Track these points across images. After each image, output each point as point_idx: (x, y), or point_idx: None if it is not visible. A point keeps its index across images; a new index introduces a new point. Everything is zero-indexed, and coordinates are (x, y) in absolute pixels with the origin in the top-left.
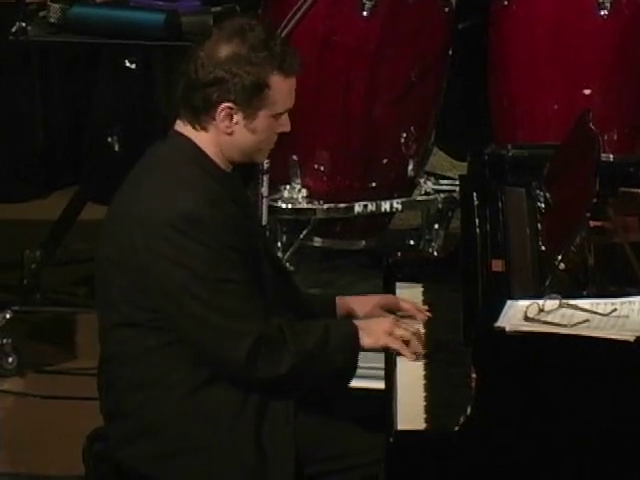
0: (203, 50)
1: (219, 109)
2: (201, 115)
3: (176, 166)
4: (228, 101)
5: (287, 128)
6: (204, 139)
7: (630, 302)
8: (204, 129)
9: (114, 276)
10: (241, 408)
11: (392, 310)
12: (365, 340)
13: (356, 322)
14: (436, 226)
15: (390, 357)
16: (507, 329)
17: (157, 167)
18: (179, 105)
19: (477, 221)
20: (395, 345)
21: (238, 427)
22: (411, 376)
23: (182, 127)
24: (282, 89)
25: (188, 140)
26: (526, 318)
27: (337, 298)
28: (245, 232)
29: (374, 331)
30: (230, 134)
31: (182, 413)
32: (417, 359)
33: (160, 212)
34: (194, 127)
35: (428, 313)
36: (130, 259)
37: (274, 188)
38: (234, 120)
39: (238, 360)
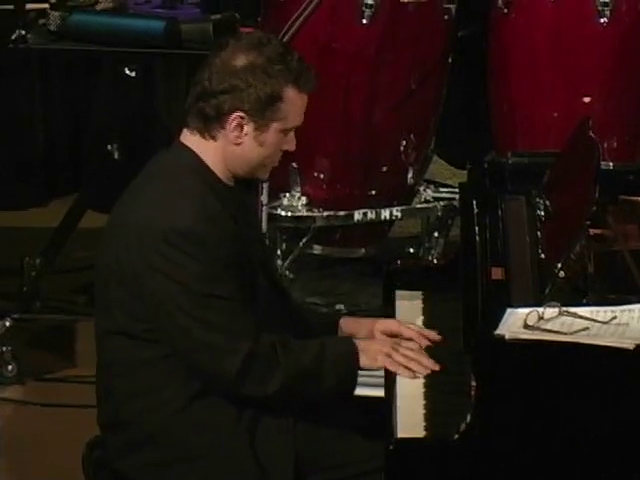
0: (219, 58)
1: (231, 118)
2: (212, 124)
3: (178, 177)
4: (241, 110)
5: (292, 147)
6: (210, 150)
7: (630, 310)
8: (213, 138)
9: (111, 284)
10: (238, 417)
11: (393, 334)
12: (363, 360)
13: (356, 341)
14: (436, 234)
15: None
16: (507, 337)
17: (159, 177)
18: (188, 114)
19: (477, 229)
20: (392, 367)
21: (236, 436)
22: (411, 384)
23: (188, 138)
24: (295, 104)
25: (192, 152)
26: (526, 326)
27: (342, 320)
28: (242, 245)
29: (372, 351)
30: (238, 144)
31: (179, 422)
32: (417, 377)
33: (157, 224)
34: (203, 136)
35: (435, 336)
36: (126, 267)
37: (274, 196)
38: (244, 131)
39: (227, 377)
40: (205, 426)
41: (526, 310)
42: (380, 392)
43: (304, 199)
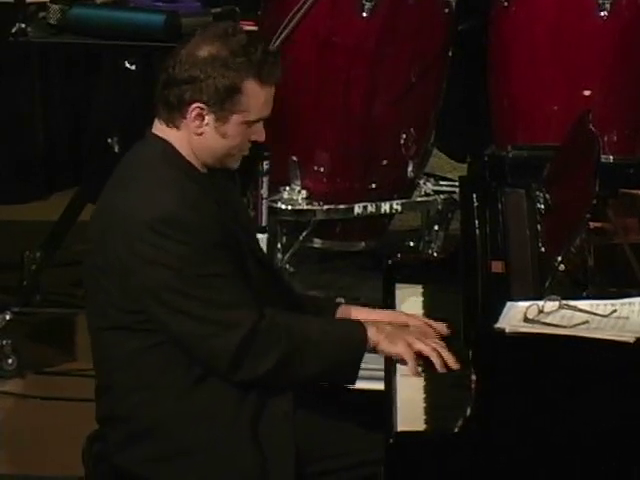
0: (185, 48)
1: (190, 108)
2: (174, 113)
3: (154, 168)
4: (200, 101)
5: (261, 138)
6: (178, 139)
7: (630, 303)
8: (176, 127)
9: (100, 280)
10: (238, 407)
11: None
12: (382, 343)
13: (377, 323)
14: (436, 227)
15: (390, 358)
16: (507, 330)
17: (138, 170)
18: (157, 101)
19: (477, 222)
20: (408, 358)
21: (235, 427)
22: (411, 377)
23: (158, 127)
24: (256, 97)
25: (164, 142)
26: (526, 319)
27: (342, 306)
28: (227, 230)
29: (394, 336)
30: (200, 134)
31: (177, 415)
32: (419, 375)
33: (140, 215)
34: (168, 125)
35: (443, 329)
36: (114, 262)
37: (274, 189)
38: (205, 121)
39: (230, 351)
40: (203, 418)
41: (526, 303)
42: (380, 385)
43: (304, 192)
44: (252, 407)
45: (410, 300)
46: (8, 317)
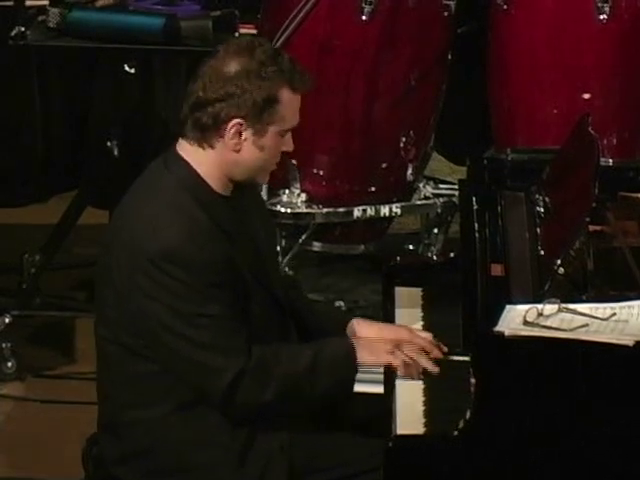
0: (210, 67)
1: (229, 126)
2: (210, 133)
3: (170, 194)
4: (237, 117)
5: (290, 147)
6: (207, 160)
7: (629, 306)
8: (211, 147)
9: (105, 291)
10: (233, 429)
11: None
12: (366, 357)
13: (357, 339)
14: (435, 230)
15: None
16: (506, 333)
17: (153, 192)
18: (184, 125)
19: (476, 225)
20: (397, 363)
21: (230, 448)
22: (410, 380)
23: (184, 147)
24: (291, 104)
25: (186, 164)
26: (525, 322)
27: (353, 321)
28: (233, 267)
29: (376, 348)
30: (238, 151)
31: (174, 435)
32: (418, 378)
33: (145, 244)
34: (201, 146)
35: (443, 348)
36: (117, 283)
37: (273, 192)
38: (243, 137)
39: (217, 394)
40: (199, 439)
41: (525, 306)
42: (379, 388)
43: (303, 196)
44: (247, 429)
45: (409, 303)
46: (7, 320)
